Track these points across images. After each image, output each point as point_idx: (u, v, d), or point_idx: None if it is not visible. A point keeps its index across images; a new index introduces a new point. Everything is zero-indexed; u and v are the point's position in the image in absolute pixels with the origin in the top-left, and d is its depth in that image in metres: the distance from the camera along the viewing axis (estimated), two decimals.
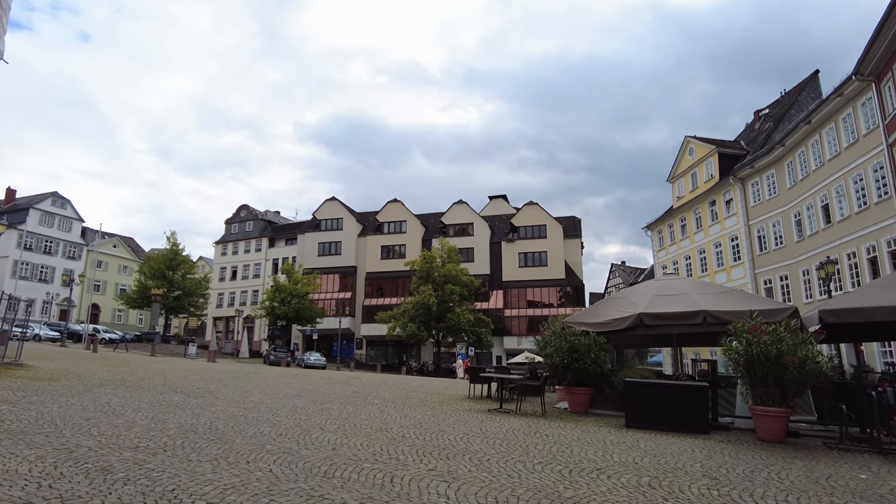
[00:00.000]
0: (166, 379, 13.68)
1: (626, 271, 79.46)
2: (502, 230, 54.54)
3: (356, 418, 8.60)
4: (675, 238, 39.44)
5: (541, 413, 10.67)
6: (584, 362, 10.92)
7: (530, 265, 51.36)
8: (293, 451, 5.60)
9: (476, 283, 45.81)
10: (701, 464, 6.18)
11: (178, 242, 52.76)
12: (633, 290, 13.52)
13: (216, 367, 22.06)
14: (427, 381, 22.57)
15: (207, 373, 17.28)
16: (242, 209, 65.38)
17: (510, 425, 8.71)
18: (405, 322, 42.88)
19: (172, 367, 19.64)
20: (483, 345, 44.45)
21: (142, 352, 35.51)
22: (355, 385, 16.14)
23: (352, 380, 18.97)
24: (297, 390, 13.09)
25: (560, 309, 49.20)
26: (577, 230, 53.48)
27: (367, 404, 10.82)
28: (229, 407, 8.98)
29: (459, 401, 12.75)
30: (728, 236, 32.88)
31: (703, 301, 11.53)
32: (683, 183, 38.63)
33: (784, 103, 34.66)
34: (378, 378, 22.80)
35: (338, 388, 14.31)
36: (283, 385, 14.44)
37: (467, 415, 9.90)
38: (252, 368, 24.02)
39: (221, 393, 11.24)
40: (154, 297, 44.80)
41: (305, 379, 17.84)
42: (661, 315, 11.47)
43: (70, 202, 59.44)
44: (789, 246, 27.41)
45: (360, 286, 55.17)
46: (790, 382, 8.17)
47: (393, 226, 56.09)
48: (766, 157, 29.12)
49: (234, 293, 62.14)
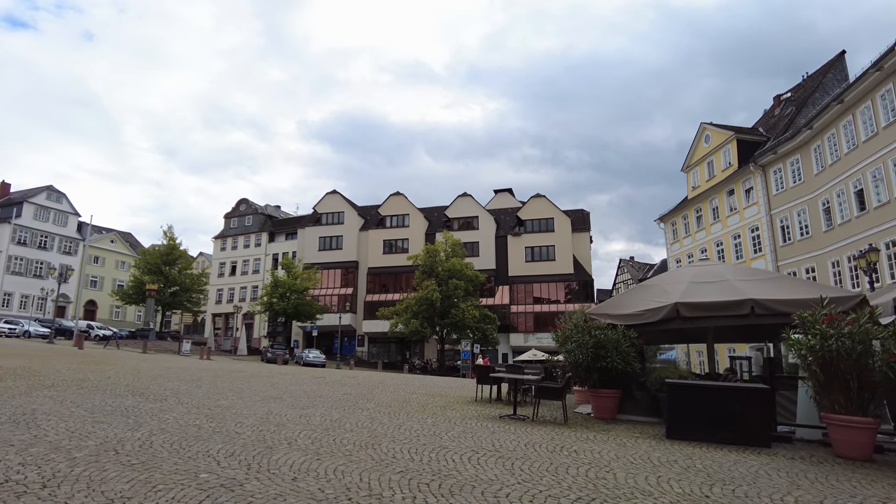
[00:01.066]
0: (135, 379, 12.14)
1: (634, 266, 77.66)
2: (508, 224, 52.86)
3: (338, 430, 7.01)
4: (690, 230, 37.69)
5: (562, 420, 9.06)
6: (611, 360, 9.30)
7: (537, 259, 49.68)
8: (235, 483, 4.02)
9: (481, 277, 44.19)
10: (792, 496, 4.56)
11: (176, 237, 51.33)
12: (665, 278, 11.87)
13: (202, 366, 20.54)
14: (430, 381, 20.98)
15: (188, 371, 15.75)
16: (242, 203, 63.91)
17: (528, 438, 7.11)
18: (408, 318, 41.32)
19: (154, 364, 18.13)
20: (489, 342, 42.85)
21: (133, 349, 34.11)
22: (349, 385, 14.57)
23: (347, 379, 17.40)
24: (280, 392, 11.53)
25: (568, 305, 47.57)
26: (585, 223, 51.74)
27: (357, 410, 9.24)
28: (187, 414, 7.41)
29: (465, 405, 11.15)
30: (748, 227, 31.12)
31: (749, 289, 9.89)
32: (699, 172, 36.86)
33: (807, 87, 32.83)
34: (377, 377, 21.23)
35: (328, 390, 12.74)
36: (267, 385, 12.88)
37: (475, 424, 8.29)
38: (242, 366, 22.50)
39: (188, 395, 9.68)
40: (148, 292, 43.38)
41: (295, 378, 16.28)
42: (700, 305, 9.84)
43: (66, 196, 58.13)
44: (816, 236, 25.67)
45: (361, 282, 53.64)
46: (880, 385, 6.54)
47: (395, 219, 54.49)
48: (790, 142, 27.35)
49: (233, 289, 60.72)
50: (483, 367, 12.02)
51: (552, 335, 10.87)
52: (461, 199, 53.90)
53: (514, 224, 52.08)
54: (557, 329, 10.57)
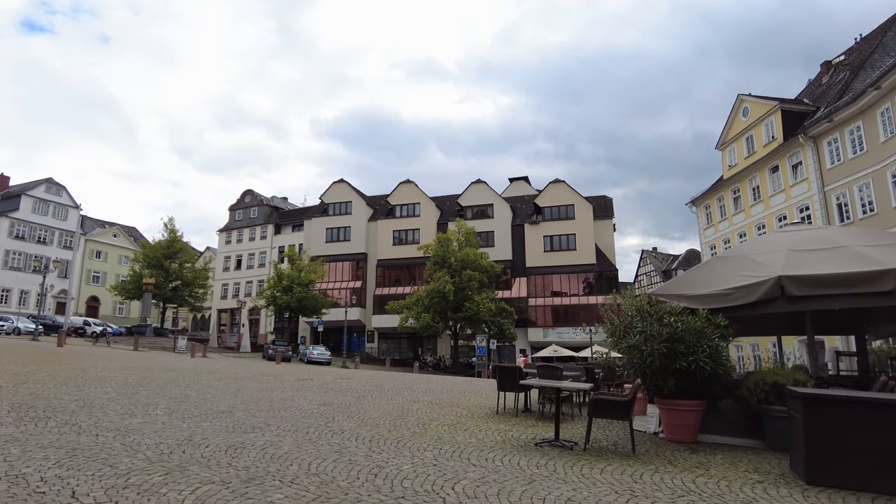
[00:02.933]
0: (65, 381, 9.52)
1: (657, 258, 74.14)
2: (525, 212, 49.77)
3: (273, 479, 4.19)
4: (727, 213, 34.33)
5: (627, 447, 6.16)
6: (696, 358, 6.40)
7: (556, 249, 46.53)
8: None
9: (497, 268, 41.22)
10: None
11: (177, 229, 49.14)
12: (752, 247, 8.90)
13: (180, 365, 17.91)
14: (439, 383, 18.14)
15: (148, 373, 13.09)
16: (247, 195, 61.57)
17: (589, 487, 4.25)
18: (418, 312, 38.52)
19: (117, 364, 15.52)
20: (505, 337, 39.92)
21: (125, 346, 31.82)
22: (336, 391, 11.82)
23: (339, 382, 14.62)
24: (236, 402, 8.78)
25: (591, 297, 44.49)
26: (608, 210, 48.42)
27: (325, 434, 6.42)
28: (55, 441, 4.66)
29: (483, 421, 8.28)
30: (796, 206, 27.76)
31: (889, 257, 6.97)
32: (736, 149, 33.47)
33: (862, 50, 29.30)
34: (379, 377, 18.45)
35: (304, 399, 9.97)
36: (228, 393, 10.14)
37: (501, 459, 5.43)
38: (227, 366, 19.82)
39: (100, 410, 6.96)
40: (145, 286, 41.13)
41: (275, 381, 13.54)
42: (817, 280, 6.93)
43: (65, 189, 56.24)
44: (884, 213, 22.31)
45: (370, 274, 50.96)
46: None
47: (406, 209, 51.66)
48: (849, 107, 23.96)
49: (238, 284, 58.45)
50: (508, 369, 9.07)
51: (605, 323, 7.88)
52: (475, 185, 50.89)
53: (531, 212, 48.96)
54: (613, 315, 7.60)
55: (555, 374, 8.21)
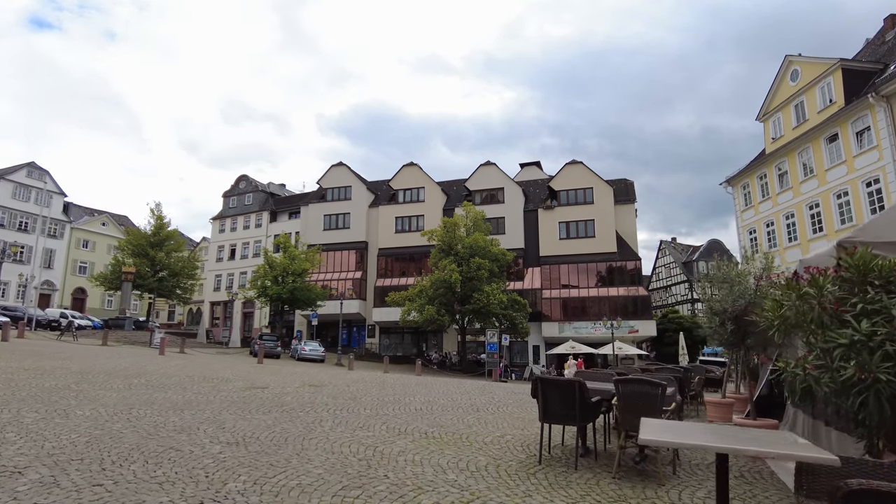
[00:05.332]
0: None
1: (677, 248, 69.98)
2: (538, 196, 45.86)
3: None
4: (770, 191, 30.32)
5: None
6: None
7: (573, 237, 42.63)
8: None
9: (509, 256, 37.44)
10: None
11: (164, 215, 45.60)
12: None
13: (120, 365, 14.29)
14: (443, 389, 14.42)
15: (43, 377, 9.49)
16: (241, 180, 58.03)
17: None
18: (422, 304, 34.84)
19: (33, 363, 11.95)
20: (517, 332, 36.16)
21: (95, 340, 28.40)
22: (287, 407, 8.17)
23: (302, 393, 10.95)
24: (125, 424, 5.11)
25: (611, 289, 40.67)
26: (629, 194, 44.37)
27: None
28: None
29: (519, 483, 4.55)
30: (861, 180, 23.76)
31: None
32: (782, 118, 29.43)
33: None
34: (366, 382, 14.76)
35: (242, 417, 6.31)
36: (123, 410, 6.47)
37: None
38: (182, 365, 16.15)
39: None
40: (125, 275, 37.69)
41: (215, 388, 9.90)
42: None
43: (49, 174, 52.93)
44: None
45: (371, 264, 47.30)
46: None
47: (409, 193, 47.87)
48: None
49: (232, 274, 55.04)
50: (559, 385, 5.09)
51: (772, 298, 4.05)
52: (484, 168, 46.98)
53: (545, 196, 45.06)
54: (801, 282, 3.77)
55: (652, 396, 4.47)
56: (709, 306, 6.27)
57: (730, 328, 5.87)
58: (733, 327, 5.80)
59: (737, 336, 5.75)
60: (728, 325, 5.88)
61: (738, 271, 6.57)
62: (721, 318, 5.96)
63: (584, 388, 4.67)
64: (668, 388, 4.75)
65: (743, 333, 5.68)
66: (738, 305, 5.78)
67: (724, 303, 6.02)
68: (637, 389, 4.55)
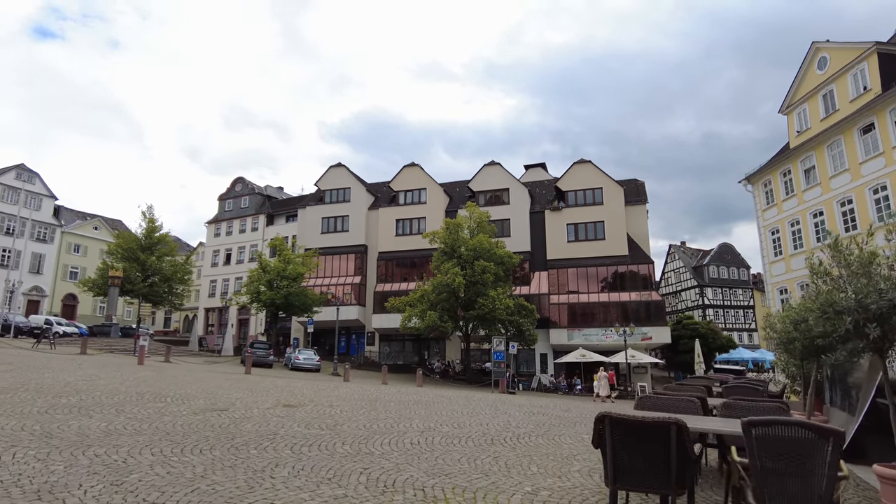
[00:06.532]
0: None
1: (686, 253, 67.86)
2: (545, 197, 43.88)
3: None
4: (795, 188, 28.31)
5: None
6: None
7: (582, 239, 40.60)
8: None
9: (515, 258, 35.46)
10: None
11: (156, 218, 43.75)
12: None
13: (75, 378, 12.36)
14: (447, 409, 12.40)
15: None
16: (237, 183, 56.27)
17: None
18: (423, 310, 32.82)
19: None
20: (525, 339, 34.05)
21: (74, 348, 26.50)
22: (256, 433, 6.28)
23: (270, 416, 8.98)
24: None
25: (622, 294, 38.62)
26: (640, 195, 42.36)
27: None
28: None
29: None
30: None
31: None
32: (808, 110, 27.48)
33: None
34: (354, 400, 12.76)
35: (166, 460, 4.37)
36: None
37: None
38: (150, 376, 14.16)
39: None
40: (111, 280, 35.81)
41: (160, 411, 7.94)
42: None
43: (39, 176, 51.31)
44: None
45: (371, 268, 45.33)
46: None
47: (410, 195, 45.95)
48: None
49: (227, 280, 53.14)
50: (629, 426, 2.92)
51: None
52: (488, 168, 45.05)
53: (552, 197, 43.09)
54: None
55: (815, 450, 2.50)
56: (828, 304, 4.41)
57: (874, 332, 4.01)
58: (879, 331, 3.95)
59: (879, 342, 3.93)
60: (870, 327, 4.02)
61: (869, 257, 4.69)
62: (856, 317, 4.11)
63: (684, 432, 2.71)
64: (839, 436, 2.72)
65: (884, 338, 3.87)
66: (887, 300, 3.93)
67: (869, 297, 4.15)
68: (789, 435, 2.57)
